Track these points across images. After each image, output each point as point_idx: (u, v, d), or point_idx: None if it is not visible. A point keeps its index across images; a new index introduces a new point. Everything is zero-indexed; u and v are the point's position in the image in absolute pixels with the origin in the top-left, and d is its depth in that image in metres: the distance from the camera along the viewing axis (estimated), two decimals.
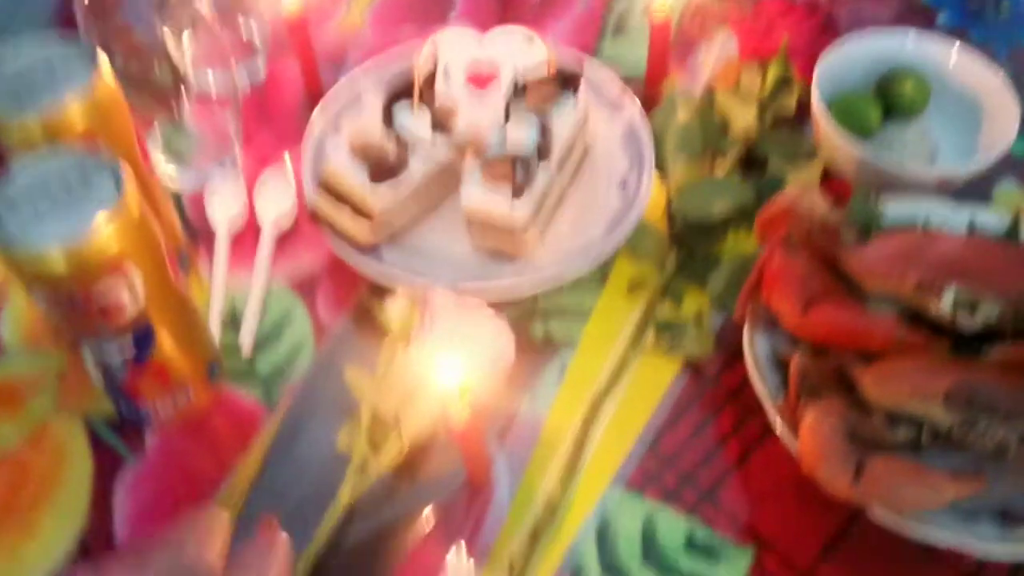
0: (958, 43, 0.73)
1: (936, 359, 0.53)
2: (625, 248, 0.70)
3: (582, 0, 0.91)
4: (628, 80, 0.83)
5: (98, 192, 0.45)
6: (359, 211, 0.64)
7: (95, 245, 0.44)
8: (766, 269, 0.59)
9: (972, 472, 0.51)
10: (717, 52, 0.85)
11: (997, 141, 0.68)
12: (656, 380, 0.65)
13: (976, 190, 0.73)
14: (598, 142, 0.75)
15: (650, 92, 0.80)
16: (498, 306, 0.68)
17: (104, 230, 0.45)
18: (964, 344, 0.56)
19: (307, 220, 0.71)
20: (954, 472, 0.50)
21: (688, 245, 0.70)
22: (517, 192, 0.64)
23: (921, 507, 0.50)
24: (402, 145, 0.65)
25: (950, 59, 0.73)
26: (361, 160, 0.63)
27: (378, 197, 0.64)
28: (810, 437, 0.51)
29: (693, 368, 0.65)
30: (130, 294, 0.47)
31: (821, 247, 0.60)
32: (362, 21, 0.91)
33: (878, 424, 0.53)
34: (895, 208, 0.66)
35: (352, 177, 0.63)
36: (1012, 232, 0.64)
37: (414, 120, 0.67)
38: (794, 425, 0.55)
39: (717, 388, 0.64)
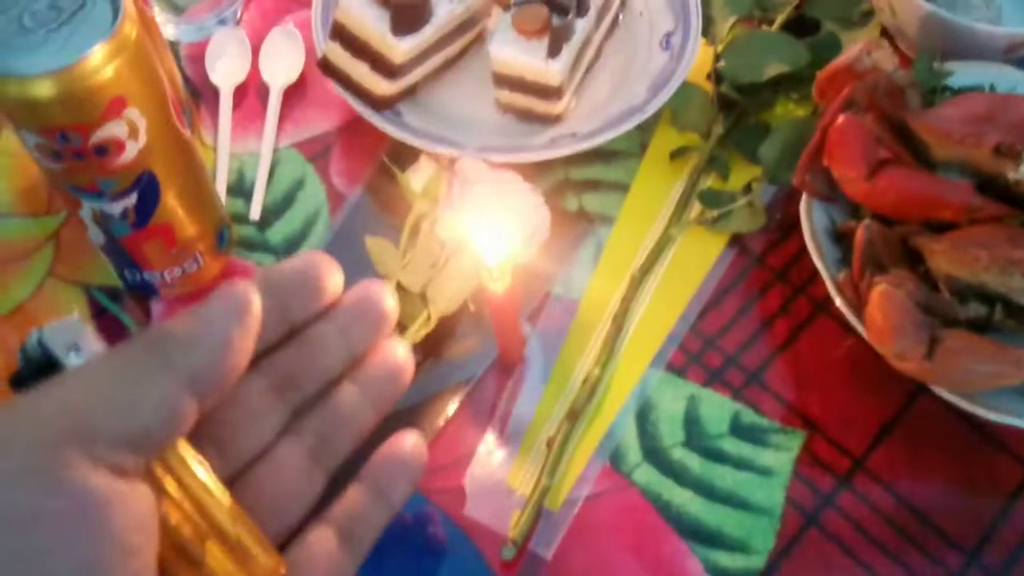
0: None
1: (1012, 231, 0.49)
2: (667, 113, 0.64)
3: None
4: None
5: (93, 18, 0.40)
6: (378, 64, 0.58)
7: (90, 74, 0.39)
8: (829, 131, 0.54)
9: None
10: None
11: None
12: (700, 256, 0.60)
13: None
14: None
15: None
16: (527, 177, 0.63)
17: (100, 58, 0.39)
18: None
19: (317, 80, 0.65)
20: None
21: (736, 110, 0.64)
22: (554, 47, 0.58)
23: (997, 384, 0.47)
24: None
25: None
26: (382, 5, 0.56)
27: (402, 49, 0.57)
28: (880, 309, 0.47)
29: (739, 244, 0.61)
30: (131, 135, 0.41)
31: (887, 108, 0.55)
32: None
33: (947, 300, 0.49)
34: (961, 72, 0.60)
35: (370, 25, 0.57)
36: None
37: None
38: (857, 300, 0.51)
39: (763, 266, 0.60)
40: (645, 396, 0.55)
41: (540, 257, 0.58)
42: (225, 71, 0.66)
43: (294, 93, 0.67)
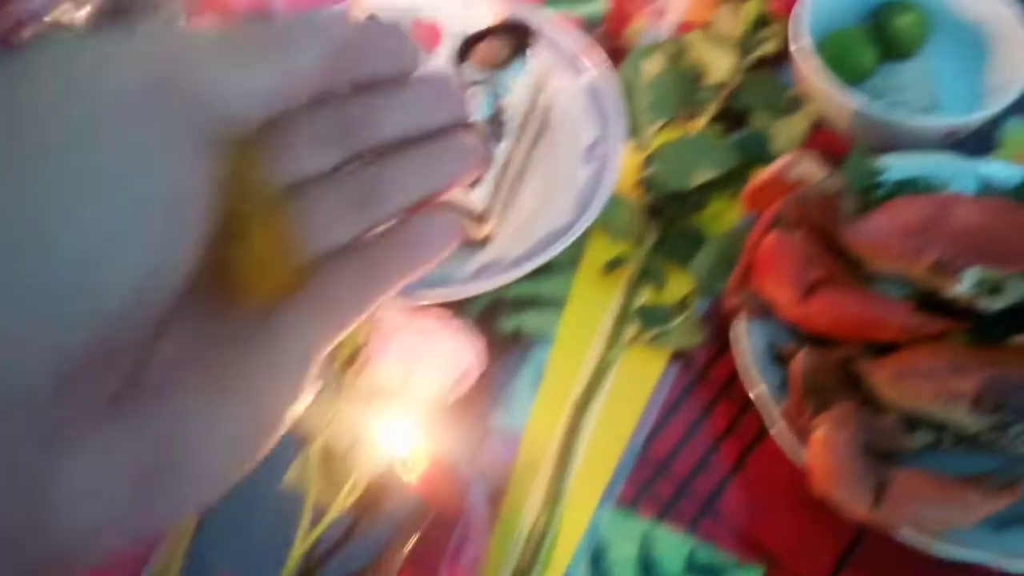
0: None
1: (959, 352, 0.47)
2: (598, 224, 0.62)
3: None
4: (588, 27, 0.74)
5: None
6: None
7: None
8: (758, 251, 0.52)
9: (1005, 481, 0.45)
10: None
11: (1007, 81, 0.60)
12: (642, 376, 0.58)
13: (978, 132, 0.66)
14: (559, 104, 0.66)
15: (613, 41, 0.72)
16: (460, 300, 0.60)
17: None
18: (983, 327, 0.50)
19: None
20: (987, 487, 0.45)
21: (667, 217, 0.62)
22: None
23: (951, 526, 0.45)
24: None
25: None
26: None
27: None
28: (822, 455, 0.45)
29: (682, 359, 0.59)
30: None
31: (818, 221, 0.53)
32: None
33: (893, 426, 0.47)
34: (898, 164, 0.58)
35: None
36: None
37: None
38: (799, 430, 0.49)
39: (708, 381, 0.58)
40: (597, 539, 0.53)
41: (475, 391, 0.56)
42: None
43: None
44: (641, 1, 0.75)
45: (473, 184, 0.56)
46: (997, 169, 0.58)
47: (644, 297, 0.61)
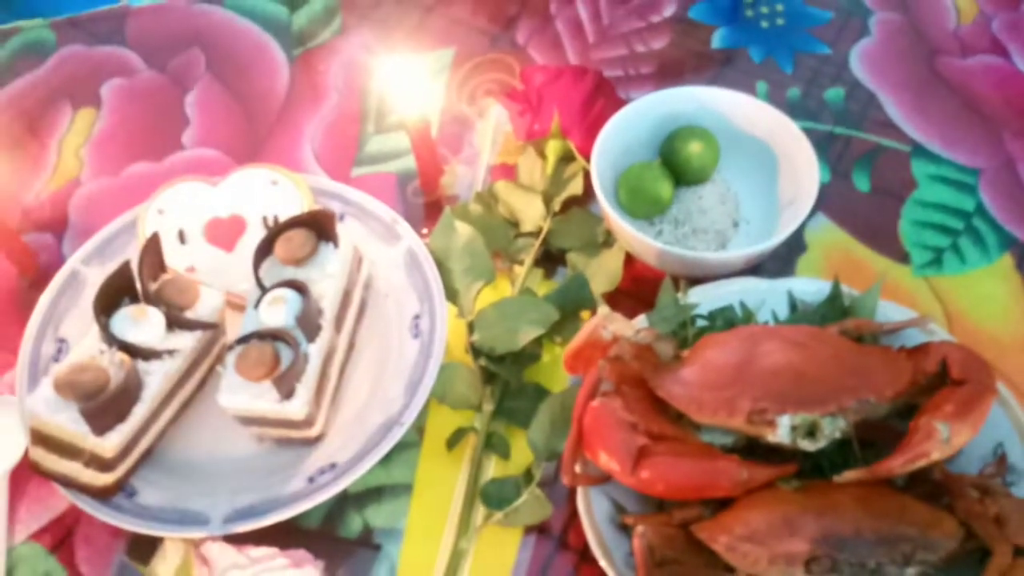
0: (738, 92, 0.68)
1: (785, 504, 0.47)
2: (435, 396, 0.61)
3: (332, 92, 0.80)
4: (405, 179, 0.73)
5: None
6: (90, 461, 0.52)
7: None
8: (583, 423, 0.51)
9: None
10: (491, 130, 0.76)
11: (800, 192, 0.63)
12: (499, 558, 0.56)
13: (790, 236, 0.69)
14: (379, 275, 0.64)
15: (429, 194, 0.71)
16: None
17: None
18: (811, 468, 0.50)
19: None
20: None
21: (503, 379, 0.61)
22: (286, 390, 0.53)
23: None
24: (131, 368, 0.53)
25: (735, 109, 0.67)
26: (76, 402, 0.50)
27: (110, 445, 0.51)
28: None
29: (537, 531, 0.57)
30: None
31: (638, 376, 0.53)
32: (79, 167, 0.77)
33: None
34: (705, 296, 0.60)
35: (68, 427, 0.50)
36: (834, 301, 0.59)
37: (141, 328, 0.54)
38: None
39: (567, 549, 0.56)
40: None
41: None
42: None
43: (25, 470, 0.59)
44: (451, 145, 0.75)
45: (287, 396, 0.53)
46: (803, 286, 0.60)
47: (490, 471, 0.59)
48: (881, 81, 0.78)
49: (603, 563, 0.50)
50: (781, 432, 0.49)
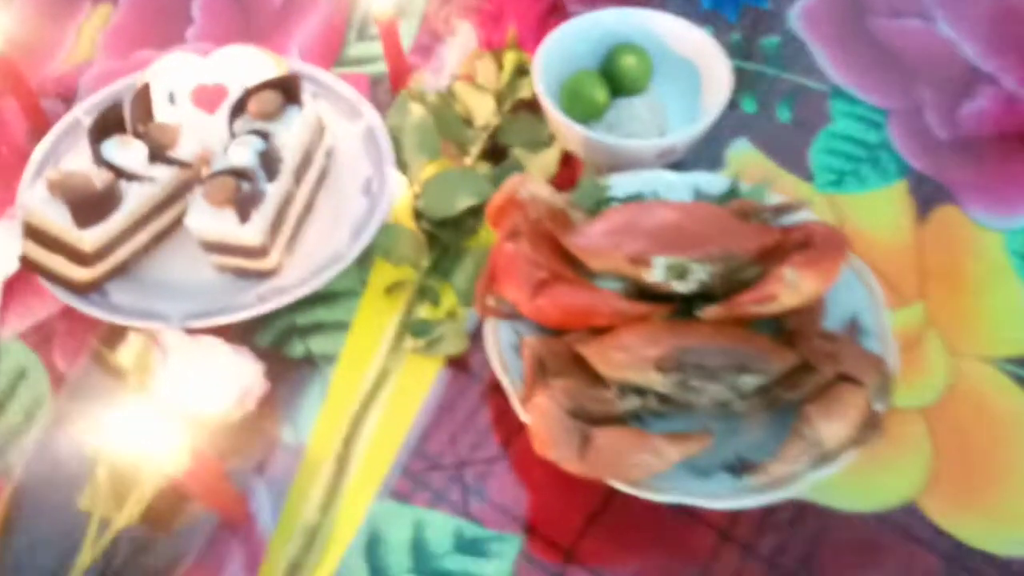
0: (671, 16, 0.76)
1: (654, 327, 0.56)
2: (380, 253, 0.69)
3: (325, 4, 0.89)
4: (376, 80, 0.82)
5: None
6: (72, 255, 0.61)
7: None
8: (495, 260, 0.60)
9: (697, 431, 0.54)
10: (460, 46, 0.85)
11: (714, 105, 0.71)
12: (418, 382, 0.65)
13: (712, 152, 0.77)
14: (341, 148, 0.73)
15: (397, 91, 0.80)
16: (254, 328, 0.66)
17: None
18: (691, 307, 0.58)
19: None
20: (674, 434, 0.53)
21: (440, 242, 0.70)
22: (243, 214, 0.62)
23: (648, 472, 0.52)
24: (114, 182, 0.62)
25: (668, 30, 0.76)
26: (64, 201, 0.59)
27: (89, 239, 0.60)
28: (537, 420, 0.52)
29: (456, 365, 0.66)
30: None
31: (549, 232, 0.62)
32: (93, 51, 0.86)
33: (611, 396, 0.55)
34: (623, 182, 0.68)
35: (55, 221, 0.59)
36: (732, 193, 0.67)
37: (127, 154, 0.63)
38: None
39: (481, 381, 0.65)
40: (373, 530, 0.58)
41: (264, 409, 0.62)
42: None
43: (17, 282, 0.68)
44: (423, 57, 0.84)
45: (244, 220, 0.62)
46: (707, 180, 0.68)
47: (422, 313, 0.68)
48: (814, 34, 0.87)
49: (501, 377, 0.58)
50: (656, 272, 0.57)
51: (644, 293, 0.59)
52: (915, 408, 0.63)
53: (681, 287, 0.57)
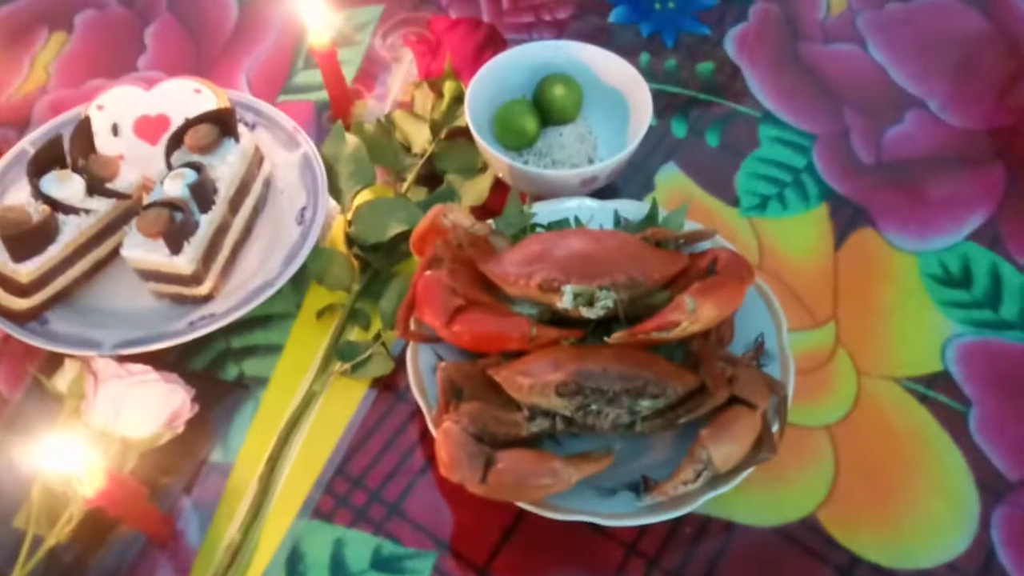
0: (600, 48, 0.79)
1: (559, 353, 0.58)
2: (314, 279, 0.72)
3: (274, 32, 0.92)
4: (321, 108, 0.85)
5: None
6: (9, 286, 0.63)
7: None
8: (416, 286, 0.62)
9: (599, 451, 0.56)
10: (404, 74, 0.88)
11: (638, 134, 0.74)
12: (344, 404, 0.67)
13: (641, 177, 0.80)
14: (280, 177, 0.76)
15: (340, 120, 0.83)
16: (190, 351, 0.68)
17: None
18: (602, 332, 0.61)
19: None
20: (577, 455, 0.55)
21: (371, 267, 0.72)
22: (175, 245, 0.64)
23: (549, 492, 0.55)
24: (51, 215, 0.64)
25: (596, 62, 0.78)
26: (1, 236, 0.62)
27: (25, 272, 0.63)
28: (441, 444, 0.55)
29: (381, 387, 0.68)
30: None
31: (471, 259, 0.64)
32: (47, 79, 0.89)
33: (521, 419, 0.58)
34: (547, 210, 0.70)
35: None
36: (651, 219, 0.70)
37: (65, 187, 0.66)
38: None
39: (406, 403, 0.67)
40: (294, 547, 0.60)
41: (194, 432, 0.64)
42: None
43: None
44: (362, 85, 0.87)
45: (175, 251, 0.64)
46: (628, 206, 0.71)
47: (352, 336, 0.70)
48: (748, 59, 0.89)
49: (419, 399, 0.61)
50: (566, 299, 0.59)
51: (558, 318, 0.62)
52: (821, 425, 0.65)
53: (590, 313, 0.59)
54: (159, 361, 0.65)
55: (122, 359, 0.62)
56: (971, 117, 0.84)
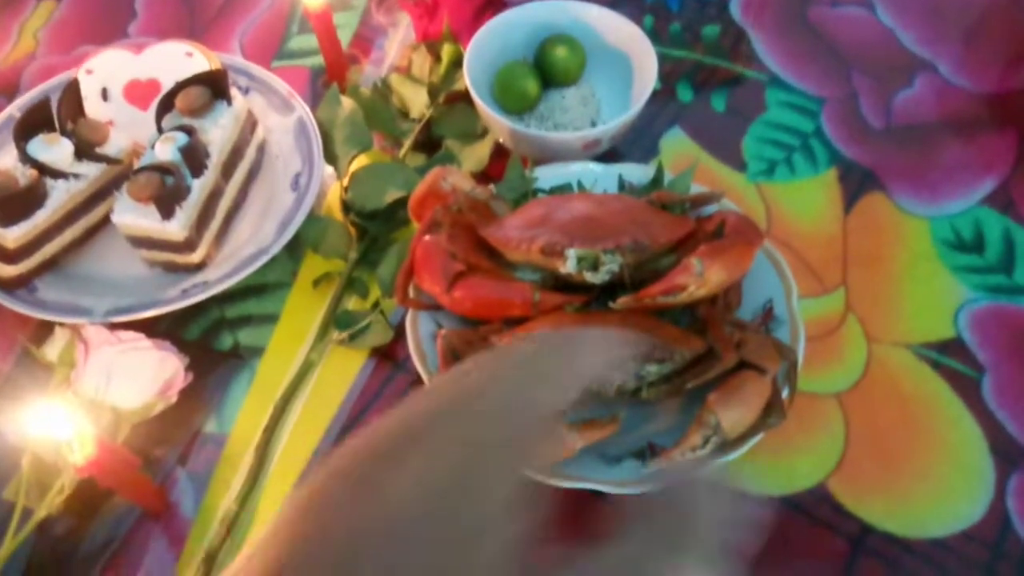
0: (604, 8, 0.76)
1: (563, 319, 0.56)
2: (310, 245, 0.70)
3: None
4: (317, 73, 0.83)
5: None
6: None
7: None
8: (415, 252, 0.61)
9: (605, 418, 0.54)
10: (401, 38, 0.86)
11: (642, 96, 0.72)
12: (342, 373, 0.65)
13: (646, 142, 0.78)
14: (274, 142, 0.74)
15: (336, 83, 0.80)
16: (184, 320, 0.67)
17: None
18: (607, 297, 0.59)
19: None
20: (581, 422, 0.54)
21: (368, 235, 0.70)
22: (166, 210, 0.62)
23: (554, 459, 0.53)
24: (38, 179, 0.62)
25: (600, 22, 0.76)
26: None
27: (12, 237, 0.61)
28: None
29: (382, 355, 0.66)
30: None
31: (470, 224, 0.62)
32: (36, 46, 0.87)
33: None
34: (552, 173, 0.68)
35: None
36: (656, 182, 0.68)
37: (53, 151, 0.64)
38: None
39: (405, 372, 0.66)
40: None
41: (189, 401, 0.62)
42: None
43: None
44: (358, 50, 0.84)
45: (167, 216, 0.62)
46: (632, 170, 0.69)
47: (349, 305, 0.68)
48: (754, 23, 0.87)
49: (419, 367, 0.59)
50: (569, 263, 0.57)
51: (561, 284, 0.60)
52: (831, 393, 0.64)
53: (594, 278, 0.58)
54: (151, 331, 0.63)
55: (114, 327, 0.61)
56: (983, 81, 0.82)
